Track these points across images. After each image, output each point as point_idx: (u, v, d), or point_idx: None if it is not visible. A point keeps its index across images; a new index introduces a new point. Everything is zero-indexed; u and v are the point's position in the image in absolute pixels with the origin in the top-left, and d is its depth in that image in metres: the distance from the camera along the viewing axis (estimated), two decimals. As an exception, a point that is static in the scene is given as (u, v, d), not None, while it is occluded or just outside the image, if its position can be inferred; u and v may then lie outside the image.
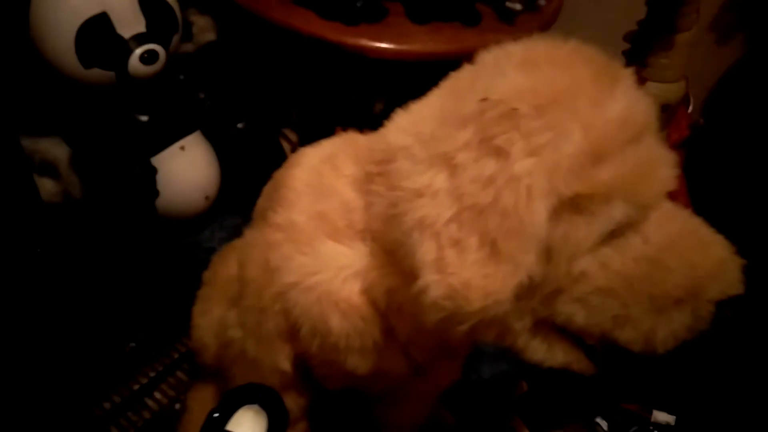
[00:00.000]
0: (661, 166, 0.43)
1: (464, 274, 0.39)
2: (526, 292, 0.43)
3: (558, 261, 0.41)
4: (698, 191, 1.19)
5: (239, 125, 1.00)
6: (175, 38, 0.93)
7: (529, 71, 0.42)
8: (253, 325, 0.60)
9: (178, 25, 0.93)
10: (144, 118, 0.95)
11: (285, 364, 0.60)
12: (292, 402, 0.67)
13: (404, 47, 1.00)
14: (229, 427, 0.50)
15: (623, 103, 0.41)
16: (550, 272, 0.42)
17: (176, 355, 0.95)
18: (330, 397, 0.70)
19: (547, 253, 0.41)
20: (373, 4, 1.02)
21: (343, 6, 0.98)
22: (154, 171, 0.90)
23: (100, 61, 0.85)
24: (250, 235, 0.62)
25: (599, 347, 0.50)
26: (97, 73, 0.86)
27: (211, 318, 0.72)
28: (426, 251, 0.41)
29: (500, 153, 0.39)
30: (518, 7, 1.05)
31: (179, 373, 0.95)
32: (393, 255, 0.47)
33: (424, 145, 0.43)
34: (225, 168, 1.08)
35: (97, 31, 0.83)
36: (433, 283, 0.40)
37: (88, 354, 0.91)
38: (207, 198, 1.03)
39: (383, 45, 0.98)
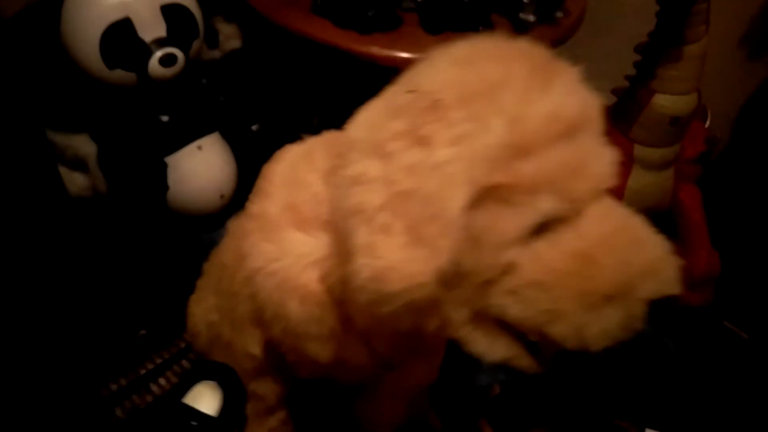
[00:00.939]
0: (595, 162, 0.43)
1: (389, 258, 0.41)
2: (456, 280, 0.44)
3: (485, 250, 0.42)
4: (726, 203, 1.16)
5: (254, 127, 1.05)
6: (196, 43, 0.99)
7: (462, 65, 0.43)
8: (227, 309, 0.63)
9: (199, 32, 0.99)
10: (165, 118, 1.01)
11: (256, 348, 0.63)
12: (268, 389, 0.70)
13: (415, 56, 1.02)
14: (186, 400, 0.53)
15: (555, 100, 0.42)
16: (477, 261, 0.43)
17: (183, 345, 1.00)
18: (306, 386, 0.72)
19: (474, 241, 0.42)
20: (386, 14, 1.05)
21: (356, 15, 1.02)
22: (164, 166, 0.95)
23: (123, 63, 0.91)
24: (231, 224, 0.66)
25: (550, 351, 0.50)
26: (120, 74, 0.92)
27: (205, 306, 0.76)
28: (359, 236, 0.43)
29: (425, 142, 0.40)
30: (531, 18, 1.06)
31: (184, 362, 0.99)
32: (340, 242, 0.49)
33: (367, 136, 0.45)
34: (242, 169, 1.12)
35: (120, 35, 0.89)
36: (362, 267, 0.42)
37: (102, 338, 0.97)
38: (222, 197, 1.08)
39: (394, 54, 1.01)
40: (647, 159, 0.98)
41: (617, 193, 1.00)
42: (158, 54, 0.92)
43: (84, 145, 1.06)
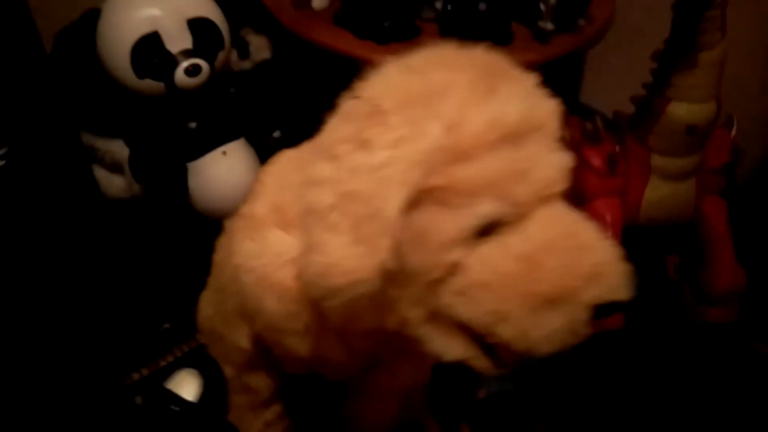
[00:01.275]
0: (540, 168, 0.44)
1: (334, 255, 0.43)
2: (405, 278, 0.46)
3: (428, 249, 0.44)
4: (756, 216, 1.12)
5: (275, 134, 1.09)
6: (221, 54, 1.04)
7: (408, 73, 0.45)
8: (218, 303, 0.67)
9: (224, 43, 1.04)
10: (193, 125, 1.06)
11: (245, 342, 0.66)
12: (261, 382, 0.73)
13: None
14: (168, 385, 0.57)
15: (497, 106, 0.43)
16: (422, 260, 0.44)
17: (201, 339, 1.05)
18: (298, 382, 0.74)
19: (418, 241, 0.44)
20: (404, 24, 1.07)
21: (373, 26, 1.05)
22: (184, 170, 1.00)
23: (151, 73, 0.97)
24: (227, 223, 0.69)
25: (507, 355, 0.50)
26: (149, 84, 0.98)
27: (205, 301, 0.80)
28: (312, 234, 0.45)
29: (366, 145, 0.42)
30: (550, 26, 1.06)
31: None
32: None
33: (324, 139, 0.48)
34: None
35: (148, 47, 0.95)
36: (311, 262, 0.45)
37: (128, 330, 1.04)
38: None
39: (409, 63, 1.03)
40: (665, 169, 0.96)
41: (634, 203, 0.99)
42: (184, 64, 0.97)
43: (121, 150, 1.14)
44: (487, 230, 0.44)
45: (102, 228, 1.13)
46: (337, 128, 0.45)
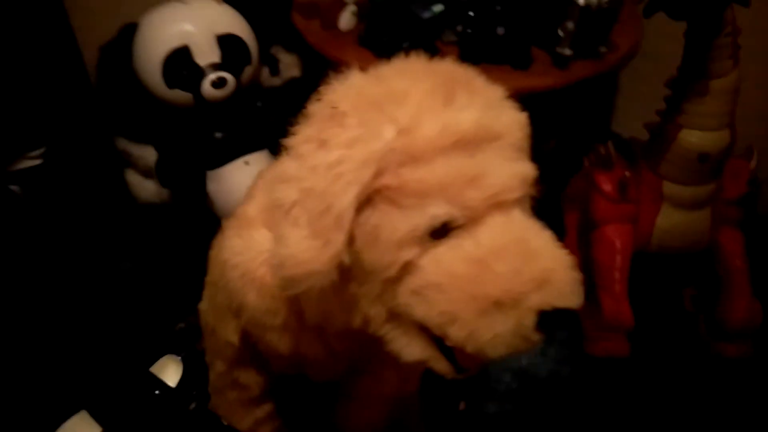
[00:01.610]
0: (494, 175, 0.45)
1: (292, 247, 0.46)
2: (363, 275, 0.48)
3: (381, 247, 0.45)
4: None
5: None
6: (248, 69, 1.10)
7: (370, 79, 0.48)
8: (211, 298, 0.70)
9: (251, 59, 1.10)
10: (219, 134, 1.12)
11: (233, 336, 0.69)
12: (251, 379, 0.76)
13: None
14: (152, 369, 0.60)
15: (452, 114, 0.45)
16: (377, 258, 0.46)
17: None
18: (286, 382, 0.77)
19: (372, 239, 0.46)
20: (422, 46, 1.10)
21: (392, 47, 1.08)
22: (203, 177, 1.06)
23: (181, 84, 1.04)
24: (224, 222, 0.73)
25: (465, 358, 0.51)
26: (178, 94, 1.05)
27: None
28: (279, 229, 0.48)
29: (324, 144, 0.45)
30: (568, 52, 1.07)
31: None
32: None
33: (293, 139, 0.50)
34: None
35: (178, 60, 1.02)
36: (275, 255, 0.47)
37: (144, 328, 1.09)
38: (265, 209, 1.17)
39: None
40: (677, 197, 0.95)
41: (645, 230, 0.98)
42: (211, 77, 1.03)
43: (153, 157, 1.20)
44: (441, 233, 0.46)
45: (128, 228, 1.20)
46: (302, 129, 0.48)
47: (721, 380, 1.01)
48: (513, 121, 0.48)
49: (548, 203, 1.33)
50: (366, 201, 0.45)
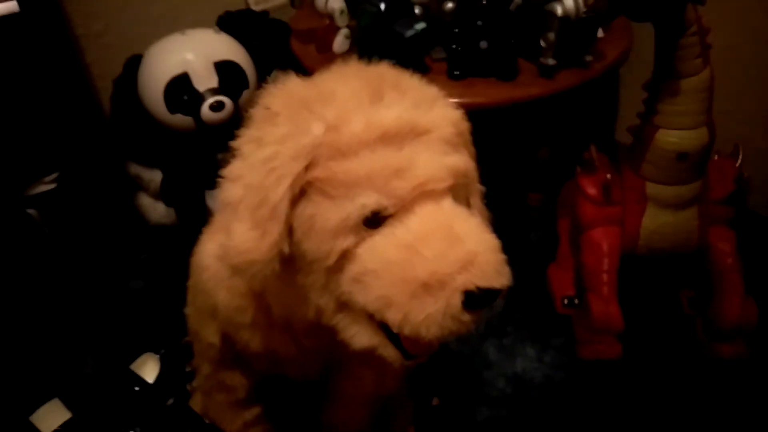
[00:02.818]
0: (421, 166, 0.48)
1: (236, 239, 0.50)
2: (306, 266, 0.51)
3: (317, 237, 0.49)
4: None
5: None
6: (246, 93, 1.16)
7: (303, 82, 0.52)
8: (192, 301, 0.74)
9: (248, 83, 1.16)
10: (221, 156, 1.18)
11: (214, 338, 0.73)
12: (236, 380, 0.79)
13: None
14: (132, 366, 0.65)
15: (379, 111, 0.48)
16: (316, 247, 0.49)
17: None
18: (269, 383, 0.80)
19: (309, 229, 0.49)
20: (412, 64, 1.14)
21: (380, 64, 1.12)
22: (202, 196, 1.11)
23: (181, 108, 1.11)
24: (204, 229, 0.78)
25: (411, 345, 0.54)
26: (179, 118, 1.12)
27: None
28: (228, 224, 0.52)
29: (260, 142, 0.49)
30: (551, 62, 1.09)
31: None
32: None
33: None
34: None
35: (179, 86, 1.09)
36: (221, 247, 0.51)
37: (152, 342, 1.14)
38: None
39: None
40: (661, 197, 0.95)
41: (632, 232, 0.99)
42: (209, 101, 1.10)
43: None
44: (376, 222, 0.49)
45: (139, 248, 1.26)
46: (245, 131, 0.53)
47: (718, 383, 0.99)
48: (442, 117, 0.51)
49: (546, 210, 1.34)
50: (301, 194, 0.48)
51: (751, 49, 1.18)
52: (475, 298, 0.47)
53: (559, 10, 1.02)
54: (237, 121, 1.17)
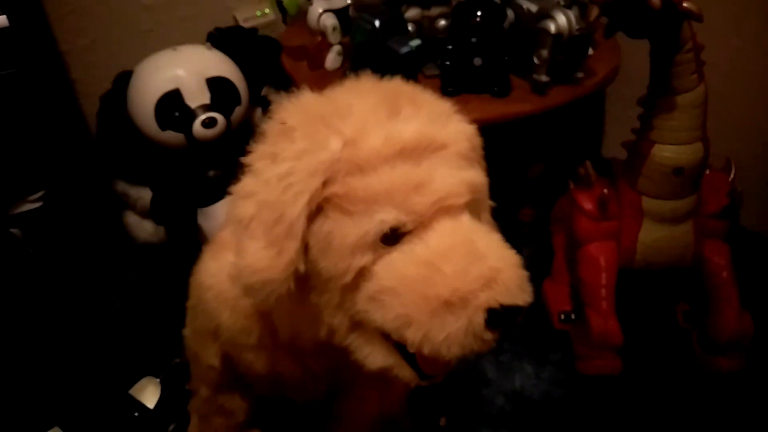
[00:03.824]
0: (439, 181, 0.47)
1: (250, 258, 0.48)
2: (321, 284, 0.50)
3: (334, 254, 0.48)
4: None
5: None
6: (238, 109, 1.15)
7: (319, 97, 0.51)
8: (191, 322, 0.72)
9: (241, 99, 1.15)
10: (212, 173, 1.16)
11: (214, 360, 0.71)
12: (235, 404, 0.77)
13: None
14: (131, 391, 0.62)
15: (396, 126, 0.47)
16: (332, 265, 0.48)
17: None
18: (273, 407, 0.77)
19: (326, 247, 0.48)
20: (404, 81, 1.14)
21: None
22: (194, 213, 1.09)
23: (173, 125, 1.08)
24: (204, 248, 0.76)
25: (428, 365, 0.52)
26: (170, 135, 1.09)
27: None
28: (239, 242, 0.50)
29: (275, 158, 0.48)
30: (544, 78, 1.10)
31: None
32: None
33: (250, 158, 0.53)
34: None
35: (170, 102, 1.07)
36: (234, 266, 0.50)
37: (144, 365, 1.10)
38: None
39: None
40: (657, 212, 0.96)
41: (628, 246, 0.99)
42: (201, 117, 1.08)
43: (150, 198, 1.24)
44: (394, 239, 0.48)
45: (125, 267, 1.23)
46: (258, 147, 0.51)
47: (716, 396, 0.99)
48: (458, 132, 0.51)
49: (538, 225, 1.34)
50: (318, 210, 0.47)
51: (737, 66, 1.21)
52: (498, 316, 0.46)
53: (552, 28, 1.03)
54: (229, 138, 1.16)
